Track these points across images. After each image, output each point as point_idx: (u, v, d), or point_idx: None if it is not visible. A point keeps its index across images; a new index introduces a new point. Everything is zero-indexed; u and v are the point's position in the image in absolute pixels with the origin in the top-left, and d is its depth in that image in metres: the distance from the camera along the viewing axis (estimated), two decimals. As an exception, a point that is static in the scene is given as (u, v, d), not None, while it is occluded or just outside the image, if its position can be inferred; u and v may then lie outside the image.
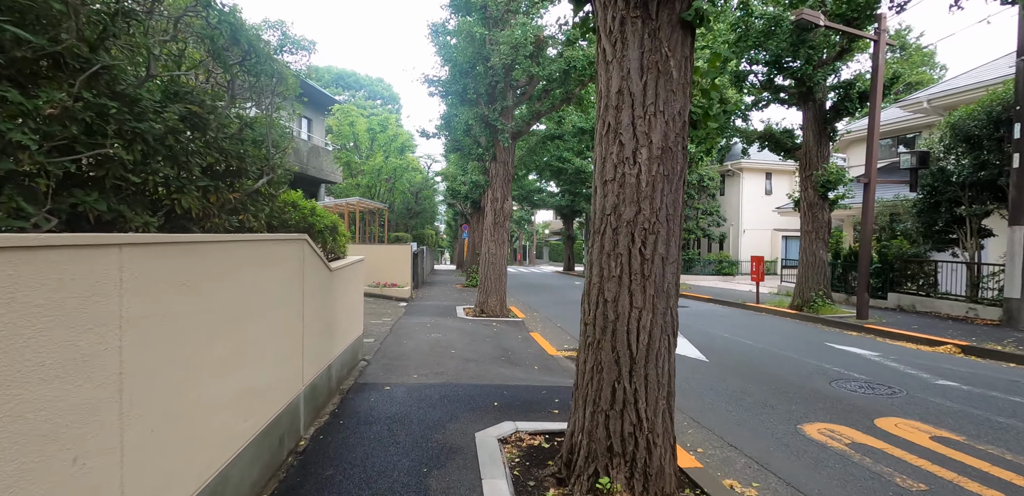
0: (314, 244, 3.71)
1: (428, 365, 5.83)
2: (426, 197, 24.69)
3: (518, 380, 5.35)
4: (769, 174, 25.19)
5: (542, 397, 4.73)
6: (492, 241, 10.71)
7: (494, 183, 10.65)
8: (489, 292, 10.66)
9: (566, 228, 34.70)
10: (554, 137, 16.29)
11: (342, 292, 4.77)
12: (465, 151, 11.17)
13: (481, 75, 9.79)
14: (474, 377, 5.36)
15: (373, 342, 7.14)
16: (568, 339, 8.53)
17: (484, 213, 11.42)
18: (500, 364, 6.18)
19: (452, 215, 41.46)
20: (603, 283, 2.86)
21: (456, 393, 4.71)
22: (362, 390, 4.71)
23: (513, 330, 8.91)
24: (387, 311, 10.70)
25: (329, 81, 31.37)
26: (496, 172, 10.61)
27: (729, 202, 25.28)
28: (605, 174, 2.86)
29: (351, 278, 5.24)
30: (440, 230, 50.93)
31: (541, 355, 6.93)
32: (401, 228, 23.69)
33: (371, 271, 13.38)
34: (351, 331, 5.30)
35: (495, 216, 10.66)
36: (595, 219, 2.94)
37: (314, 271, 3.71)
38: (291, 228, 3.61)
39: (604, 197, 2.86)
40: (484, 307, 10.66)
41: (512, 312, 11.14)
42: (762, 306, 12.82)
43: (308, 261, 3.54)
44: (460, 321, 9.69)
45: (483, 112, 9.69)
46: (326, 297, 4.13)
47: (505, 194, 10.70)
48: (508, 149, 10.59)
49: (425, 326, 8.78)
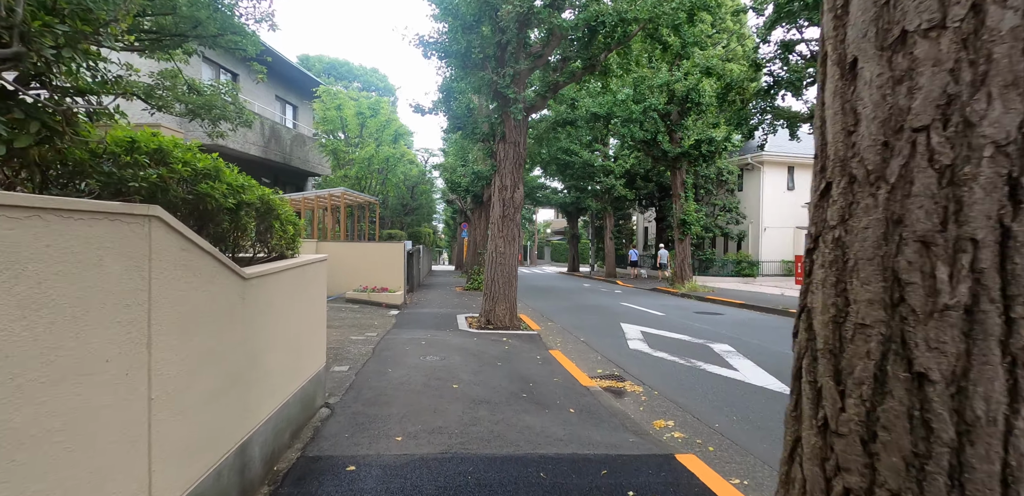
0: (188, 230, 1.91)
1: (420, 413, 4.03)
2: (423, 192, 22.88)
3: (555, 441, 3.56)
4: (791, 168, 23.44)
5: (605, 486, 2.93)
6: (500, 237, 8.91)
7: (503, 168, 8.85)
8: (496, 299, 8.86)
9: (570, 227, 33.00)
10: (566, 123, 14.51)
11: (278, 313, 2.96)
12: (468, 131, 9.38)
13: (488, 37, 8.01)
14: (489, 437, 3.55)
15: (346, 371, 5.33)
16: (599, 360, 6.75)
17: (490, 206, 9.64)
18: (522, 406, 4.39)
19: (450, 213, 39.72)
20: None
21: (464, 479, 2.91)
22: (308, 477, 2.89)
23: (529, 347, 7.12)
24: (373, 323, 8.89)
25: (320, 71, 29.50)
26: (505, 154, 8.81)
27: (748, 198, 23.52)
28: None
29: (299, 288, 3.43)
30: (438, 229, 49.17)
31: (572, 387, 5.14)
32: (396, 226, 21.89)
33: (358, 274, 11.58)
34: (299, 371, 3.49)
35: (504, 207, 8.86)
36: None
37: (190, 282, 1.91)
38: (137, 193, 1.81)
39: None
40: (491, 317, 8.86)
41: (523, 322, 9.34)
42: (811, 314, 11.05)
43: (164, 262, 1.75)
44: (462, 336, 7.88)
45: (491, 77, 7.89)
46: (233, 327, 2.33)
47: (516, 181, 8.90)
48: (520, 126, 8.80)
49: (419, 344, 6.97)
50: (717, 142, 16.26)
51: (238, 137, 13.96)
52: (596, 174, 23.69)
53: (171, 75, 7.70)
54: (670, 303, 13.79)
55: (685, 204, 17.54)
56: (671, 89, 16.22)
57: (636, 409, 4.75)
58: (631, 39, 8.70)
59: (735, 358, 6.78)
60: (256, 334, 2.58)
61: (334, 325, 8.34)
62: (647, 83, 15.66)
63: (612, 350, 7.33)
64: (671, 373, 6.04)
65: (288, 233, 3.52)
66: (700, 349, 7.37)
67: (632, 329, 9.09)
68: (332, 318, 9.07)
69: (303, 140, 17.58)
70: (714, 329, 9.22)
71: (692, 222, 17.43)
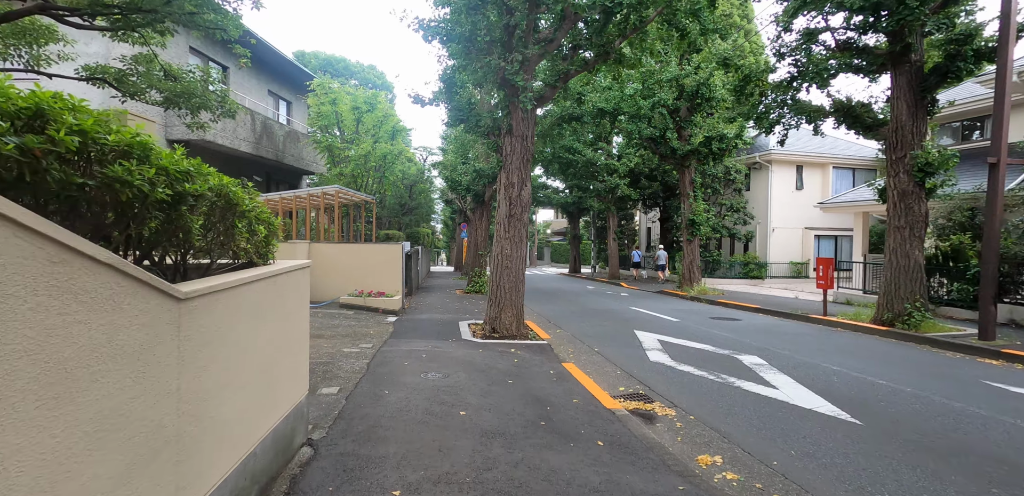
0: (59, 230, 1.22)
1: (422, 453, 3.34)
2: (421, 191, 22.11)
3: (591, 493, 2.87)
4: (800, 166, 22.79)
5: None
6: (506, 239, 8.23)
7: (509, 163, 8.17)
8: (503, 305, 8.18)
9: (572, 227, 32.35)
10: (572, 118, 13.81)
11: (239, 340, 2.27)
12: (471, 124, 8.69)
13: (495, 21, 7.33)
14: (509, 489, 2.87)
15: (336, 395, 4.63)
16: (618, 375, 6.07)
17: (491, 205, 8.95)
18: (543, 438, 3.70)
19: (449, 213, 39.01)
20: None
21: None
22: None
23: (540, 361, 6.44)
24: (369, 331, 8.20)
25: (316, 67, 28.71)
26: (512, 149, 8.13)
27: (756, 198, 22.86)
28: None
29: (272, 303, 2.74)
30: (437, 230, 48.45)
31: (596, 411, 4.46)
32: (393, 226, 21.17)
33: (353, 277, 10.89)
34: (271, 408, 2.80)
35: (510, 206, 8.18)
36: None
37: (69, 313, 1.23)
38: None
39: None
40: (496, 324, 8.18)
41: (531, 330, 8.67)
42: (833, 319, 10.40)
43: (14, 286, 1.06)
44: (466, 346, 7.20)
45: (498, 63, 7.20)
46: (158, 371, 1.64)
47: (523, 178, 8.23)
48: (528, 118, 8.12)
49: (419, 357, 6.28)
50: (729, 139, 15.60)
51: (227, 133, 13.25)
52: (599, 173, 23.02)
53: (146, 60, 7.00)
54: (681, 307, 13.13)
55: (694, 204, 16.88)
56: (680, 84, 15.57)
57: (673, 439, 4.08)
58: (647, 25, 8.04)
59: (770, 373, 6.10)
60: (201, 374, 1.89)
61: (325, 335, 7.65)
62: (655, 78, 15.00)
63: (632, 363, 6.66)
64: (703, 392, 5.37)
65: (260, 235, 2.83)
66: (728, 361, 6.70)
67: (648, 338, 8.42)
68: (324, 327, 8.37)
69: (297, 137, 16.84)
70: (736, 337, 8.55)
71: (701, 222, 16.77)
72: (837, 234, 23.19)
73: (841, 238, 23.31)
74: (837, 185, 23.17)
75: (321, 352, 6.42)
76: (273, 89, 17.61)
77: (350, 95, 15.74)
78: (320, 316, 9.38)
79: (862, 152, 23.99)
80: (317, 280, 10.86)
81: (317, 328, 8.19)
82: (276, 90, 17.89)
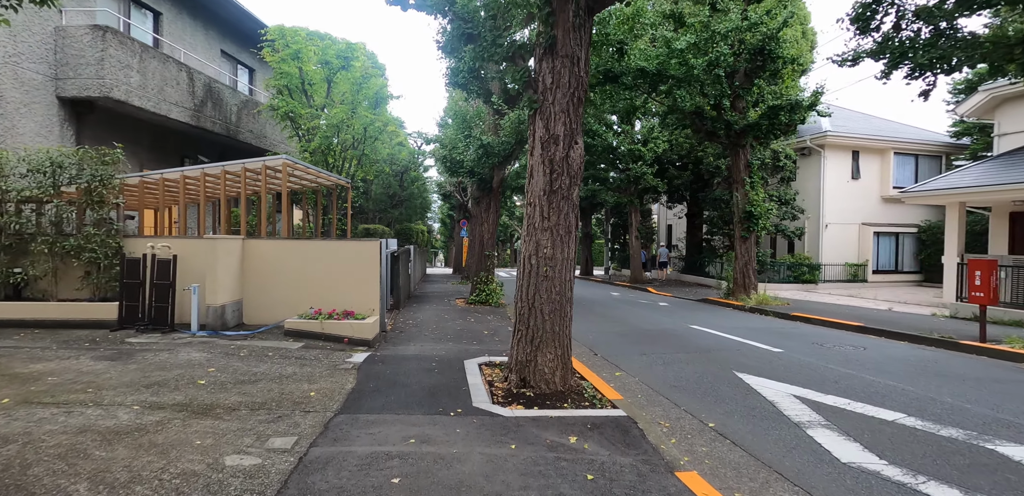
0: None
1: None
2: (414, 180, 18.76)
3: None
4: (856, 152, 19.49)
5: None
6: (544, 230, 4.94)
7: (548, 103, 4.87)
8: (541, 340, 4.89)
9: (583, 225, 29.05)
10: (608, 78, 10.53)
11: None
12: (487, 41, 5.36)
13: None
14: None
15: None
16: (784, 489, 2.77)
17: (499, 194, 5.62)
18: None
19: (447, 210, 35.61)
20: None
21: None
22: None
23: (632, 470, 3.13)
24: (309, 393, 4.86)
25: (297, 44, 25.31)
26: (558, 78, 4.83)
27: (806, 189, 19.54)
28: None
29: None
30: (434, 229, 45.05)
31: None
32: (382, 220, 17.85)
33: (310, 288, 7.52)
34: None
35: (552, 175, 4.88)
36: None
37: None
38: None
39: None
40: (527, 372, 4.90)
41: (585, 380, 5.37)
42: (1009, 349, 7.10)
43: None
44: (484, 433, 3.89)
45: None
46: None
47: (573, 128, 4.92)
48: (584, 27, 4.83)
49: (384, 485, 2.97)
50: (803, 109, 12.31)
51: (149, 91, 9.87)
52: (623, 160, 19.75)
53: None
54: (753, 325, 9.86)
55: (751, 192, 13.60)
56: (741, 39, 12.28)
57: None
58: None
59: None
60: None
61: (222, 404, 4.27)
62: (712, 29, 11.71)
63: (808, 470, 3.36)
64: None
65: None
66: (988, 460, 3.41)
67: (776, 392, 5.15)
68: (234, 379, 4.97)
69: (256, 107, 13.46)
70: (910, 388, 5.27)
71: (760, 214, 13.49)
72: (899, 231, 19.95)
73: (903, 236, 20.08)
74: (898, 174, 19.93)
75: (175, 471, 3.08)
76: (229, 50, 14.23)
77: (317, 47, 12.35)
78: (242, 356, 5.93)
79: (925, 136, 20.76)
80: (255, 293, 7.51)
81: (219, 383, 4.85)
82: (234, 53, 14.51)
